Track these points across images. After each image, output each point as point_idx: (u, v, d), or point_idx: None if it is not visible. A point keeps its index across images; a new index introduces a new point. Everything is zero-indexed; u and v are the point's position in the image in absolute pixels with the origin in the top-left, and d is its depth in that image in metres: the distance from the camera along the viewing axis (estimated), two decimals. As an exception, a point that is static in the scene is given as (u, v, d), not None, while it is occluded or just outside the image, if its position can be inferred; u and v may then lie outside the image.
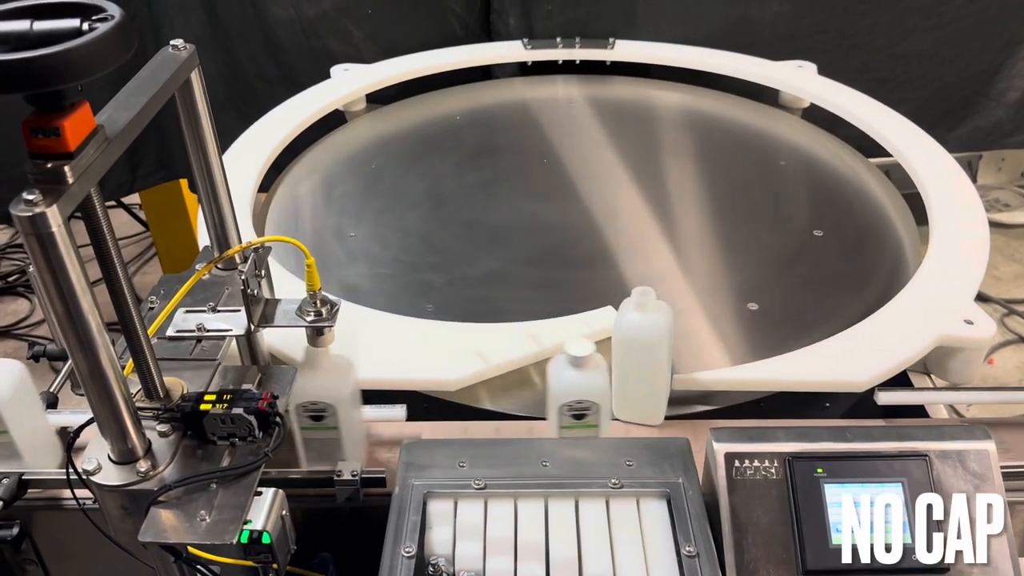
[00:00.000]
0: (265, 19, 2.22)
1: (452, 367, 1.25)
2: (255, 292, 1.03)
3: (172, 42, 0.96)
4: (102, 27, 0.72)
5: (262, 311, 1.05)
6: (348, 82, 2.08)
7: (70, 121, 0.74)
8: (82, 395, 1.34)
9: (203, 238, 1.50)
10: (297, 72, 2.28)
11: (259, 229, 1.65)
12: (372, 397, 1.22)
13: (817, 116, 2.10)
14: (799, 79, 2.10)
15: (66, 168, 0.73)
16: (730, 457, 0.97)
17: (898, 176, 1.86)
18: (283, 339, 1.23)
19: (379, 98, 2.17)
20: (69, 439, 0.95)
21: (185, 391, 0.95)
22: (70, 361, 1.34)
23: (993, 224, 1.59)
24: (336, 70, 2.12)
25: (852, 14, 2.33)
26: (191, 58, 0.97)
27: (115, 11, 0.74)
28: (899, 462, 0.96)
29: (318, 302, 1.04)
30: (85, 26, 0.73)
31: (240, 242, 1.11)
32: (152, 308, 1.06)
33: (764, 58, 2.20)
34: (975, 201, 1.60)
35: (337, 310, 1.05)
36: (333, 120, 2.07)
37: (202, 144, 1.02)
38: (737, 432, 0.99)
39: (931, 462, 0.96)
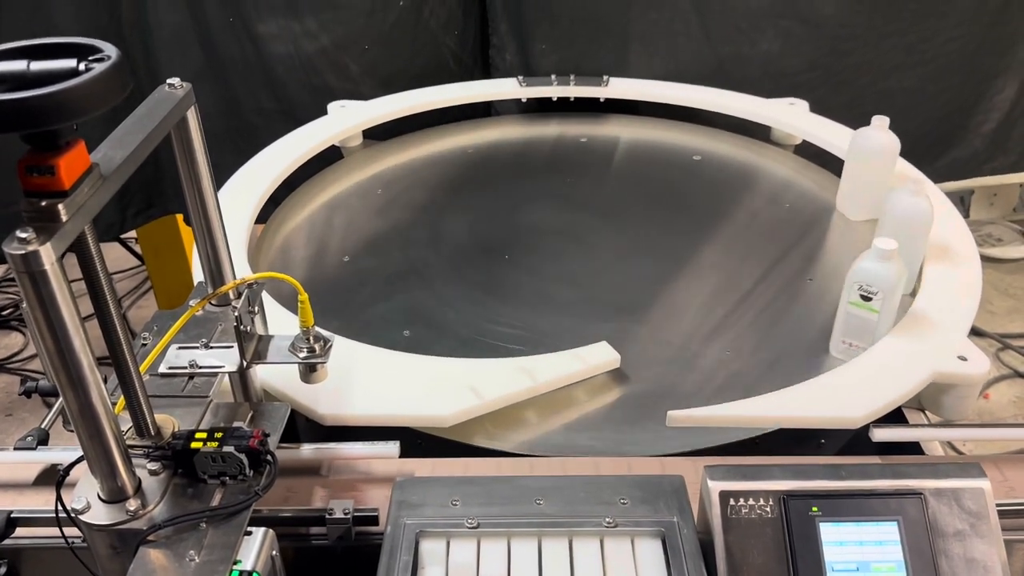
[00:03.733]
0: (263, 55, 2.25)
1: (446, 403, 1.25)
2: (248, 328, 1.03)
3: (169, 80, 0.97)
4: (98, 67, 0.72)
5: (255, 347, 1.05)
6: (345, 118, 2.10)
7: (65, 160, 0.74)
8: (73, 431, 1.33)
9: (198, 273, 1.51)
10: (295, 107, 2.30)
11: (255, 263, 1.65)
12: (365, 433, 1.22)
13: (809, 151, 2.12)
14: (791, 116, 2.12)
15: (60, 206, 0.74)
16: (725, 495, 0.96)
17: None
18: (276, 375, 1.23)
19: (375, 134, 2.18)
20: (59, 477, 0.95)
21: (176, 429, 0.95)
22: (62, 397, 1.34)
23: (986, 259, 1.60)
24: (333, 106, 2.14)
25: (839, 52, 2.37)
26: (187, 96, 0.98)
27: (112, 51, 0.75)
28: (894, 500, 0.95)
29: (311, 338, 1.04)
30: (82, 66, 0.74)
31: (234, 278, 1.11)
32: (145, 344, 1.06)
33: (753, 94, 2.23)
34: (967, 236, 1.61)
35: (330, 346, 1.05)
36: (332, 155, 2.09)
37: (197, 181, 1.03)
38: (732, 470, 0.98)
39: (926, 500, 0.95)
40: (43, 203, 0.74)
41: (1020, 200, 3.59)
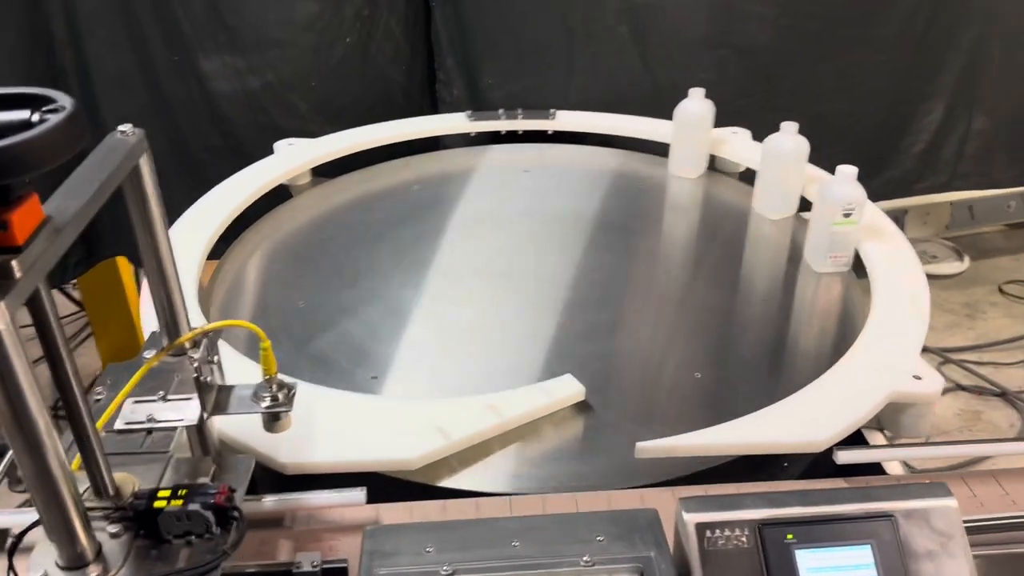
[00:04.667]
0: (209, 93, 2.22)
1: (412, 445, 1.22)
2: (208, 379, 0.99)
3: (120, 128, 0.94)
4: (53, 118, 0.70)
5: (215, 398, 1.02)
6: (292, 157, 2.07)
7: (18, 214, 0.71)
8: (21, 492, 1.27)
9: (147, 322, 1.47)
10: (244, 143, 2.27)
11: (205, 307, 1.61)
12: (328, 479, 1.19)
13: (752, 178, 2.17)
14: (734, 145, 2.17)
15: (13, 263, 0.70)
16: (701, 527, 0.96)
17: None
18: (233, 424, 1.19)
19: (323, 170, 2.16)
20: (11, 544, 0.90)
21: (136, 487, 0.91)
22: (8, 455, 1.27)
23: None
24: (280, 145, 2.11)
25: (772, 79, 2.45)
26: (139, 143, 0.95)
27: (66, 101, 0.73)
28: (867, 524, 0.96)
29: (274, 386, 1.01)
30: (35, 117, 0.71)
31: (189, 327, 1.08)
32: (99, 399, 1.02)
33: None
34: (911, 256, 1.66)
35: (294, 394, 1.02)
36: (280, 192, 2.06)
37: (151, 229, 1.00)
38: (706, 501, 0.98)
39: (897, 523, 0.96)
40: (-5, 260, 0.71)
41: (952, 218, 3.72)
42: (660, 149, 2.26)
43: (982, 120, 2.55)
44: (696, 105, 2.06)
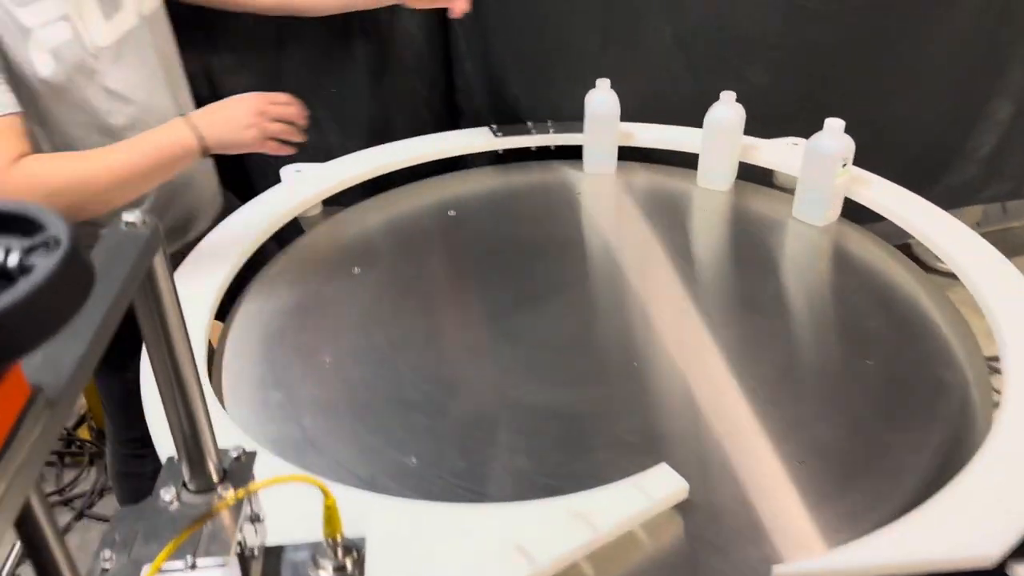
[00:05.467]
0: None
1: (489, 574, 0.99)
2: (255, 551, 0.75)
3: (125, 217, 0.69)
4: (42, 265, 0.45)
5: (262, 568, 0.78)
6: (303, 187, 1.81)
7: (-7, 404, 0.47)
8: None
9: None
10: (243, 161, 2.01)
11: (216, 382, 1.37)
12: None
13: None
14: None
15: (-12, 478, 0.46)
16: None
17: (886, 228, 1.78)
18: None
19: (335, 197, 1.91)
20: None
21: None
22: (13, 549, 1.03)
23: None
24: (287, 171, 1.85)
25: (831, 82, 2.23)
26: (154, 236, 0.70)
27: (59, 229, 0.48)
28: None
29: (339, 550, 0.77)
30: (12, 260, 0.46)
31: (217, 454, 0.84)
32: (106, 569, 0.77)
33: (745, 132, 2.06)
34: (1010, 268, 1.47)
35: (363, 557, 0.79)
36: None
37: (169, 346, 0.75)
38: None
39: None
40: (-42, 479, 0.46)
41: (984, 214, 3.51)
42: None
43: (1053, 120, 2.35)
44: (604, 95, 1.97)
